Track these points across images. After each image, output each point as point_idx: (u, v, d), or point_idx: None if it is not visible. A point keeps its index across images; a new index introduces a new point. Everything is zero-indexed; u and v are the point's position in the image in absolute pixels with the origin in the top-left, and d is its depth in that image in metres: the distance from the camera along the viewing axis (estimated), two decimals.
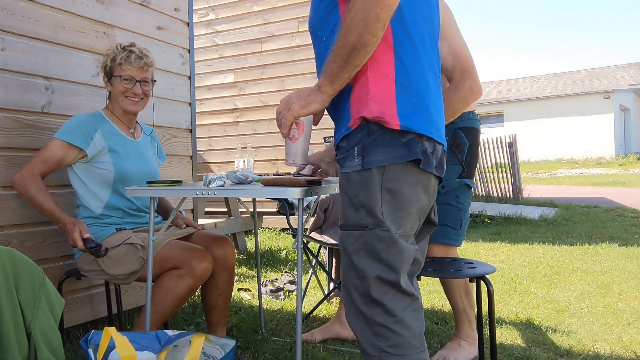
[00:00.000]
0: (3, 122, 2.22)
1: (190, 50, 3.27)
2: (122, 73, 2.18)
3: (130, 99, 2.22)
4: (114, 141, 2.21)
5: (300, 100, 1.36)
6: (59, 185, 2.42)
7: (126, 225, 2.21)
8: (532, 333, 2.68)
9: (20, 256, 1.51)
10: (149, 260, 1.93)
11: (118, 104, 2.24)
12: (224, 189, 1.80)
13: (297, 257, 1.69)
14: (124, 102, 2.22)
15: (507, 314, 3.02)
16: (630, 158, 21.93)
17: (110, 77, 2.21)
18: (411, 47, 1.30)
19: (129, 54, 2.18)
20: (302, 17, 6.16)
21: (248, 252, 5.01)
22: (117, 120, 2.27)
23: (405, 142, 1.28)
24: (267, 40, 6.36)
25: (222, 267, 2.23)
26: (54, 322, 1.56)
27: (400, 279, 1.30)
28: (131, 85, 2.20)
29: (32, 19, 2.34)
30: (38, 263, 1.60)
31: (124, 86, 2.19)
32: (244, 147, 4.08)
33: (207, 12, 6.73)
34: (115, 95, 2.23)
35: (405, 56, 1.29)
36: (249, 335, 2.65)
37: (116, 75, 2.19)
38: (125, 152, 2.23)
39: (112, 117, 2.27)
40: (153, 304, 1.99)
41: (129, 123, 2.31)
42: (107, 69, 2.21)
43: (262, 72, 6.38)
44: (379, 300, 1.29)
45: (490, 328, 1.92)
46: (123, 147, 2.23)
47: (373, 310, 1.30)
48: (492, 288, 1.85)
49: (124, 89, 2.20)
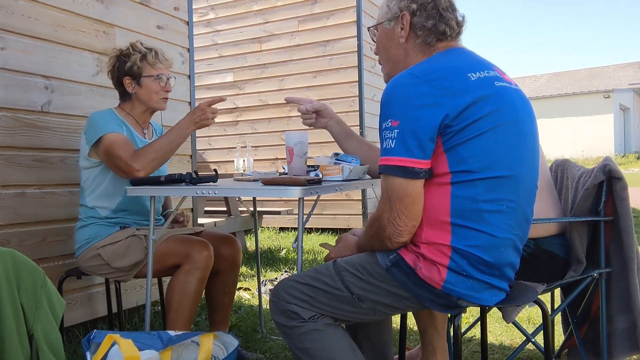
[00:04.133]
0: (3, 121, 2.22)
1: (190, 50, 3.27)
2: (154, 72, 2.18)
3: (163, 99, 2.22)
4: (132, 142, 2.17)
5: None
6: (58, 184, 2.42)
7: (131, 224, 2.19)
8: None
9: (21, 257, 1.51)
10: (149, 260, 1.93)
11: (146, 104, 2.21)
12: (224, 188, 1.80)
13: (297, 257, 1.69)
14: (158, 101, 2.21)
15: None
16: (630, 157, 21.94)
17: (138, 78, 2.17)
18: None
19: (156, 53, 2.19)
20: (301, 17, 6.16)
21: (248, 252, 5.01)
22: (132, 120, 2.24)
23: None
24: (267, 40, 6.35)
25: (231, 266, 2.24)
26: (55, 324, 1.55)
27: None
28: (164, 83, 2.20)
29: (32, 18, 2.33)
30: (38, 262, 1.60)
31: (159, 85, 2.18)
32: (243, 147, 4.08)
33: (206, 11, 6.72)
34: (145, 95, 2.19)
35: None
36: (249, 334, 2.65)
37: (147, 75, 2.17)
38: None
39: (128, 117, 2.23)
40: (175, 309, 1.99)
41: (144, 123, 2.29)
42: (132, 69, 2.16)
43: (262, 71, 6.38)
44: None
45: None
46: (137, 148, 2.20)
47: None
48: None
49: (159, 88, 2.19)
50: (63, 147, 2.45)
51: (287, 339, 1.48)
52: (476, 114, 1.32)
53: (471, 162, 1.33)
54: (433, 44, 1.50)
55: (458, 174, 1.34)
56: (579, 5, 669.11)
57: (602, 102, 23.04)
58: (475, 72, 1.38)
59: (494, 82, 1.39)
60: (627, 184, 1.90)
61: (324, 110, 2.03)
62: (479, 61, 1.46)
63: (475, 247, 1.34)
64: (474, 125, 1.32)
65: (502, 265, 1.39)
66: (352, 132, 2.07)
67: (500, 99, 1.37)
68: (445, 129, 1.32)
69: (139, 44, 2.21)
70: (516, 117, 1.40)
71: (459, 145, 1.32)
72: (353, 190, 5.54)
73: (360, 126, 5.78)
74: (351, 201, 5.90)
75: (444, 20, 1.48)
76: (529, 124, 1.44)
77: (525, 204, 1.43)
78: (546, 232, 1.88)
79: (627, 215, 1.88)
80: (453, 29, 1.49)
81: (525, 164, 1.42)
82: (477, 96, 1.33)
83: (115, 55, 2.22)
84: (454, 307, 1.41)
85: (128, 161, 2.01)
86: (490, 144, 1.34)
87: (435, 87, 1.33)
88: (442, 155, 1.34)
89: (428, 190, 1.36)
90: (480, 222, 1.34)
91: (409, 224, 1.35)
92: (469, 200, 1.34)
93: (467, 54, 1.49)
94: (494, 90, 1.37)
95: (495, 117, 1.34)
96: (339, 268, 1.47)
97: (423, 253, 1.37)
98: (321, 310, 1.45)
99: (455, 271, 1.35)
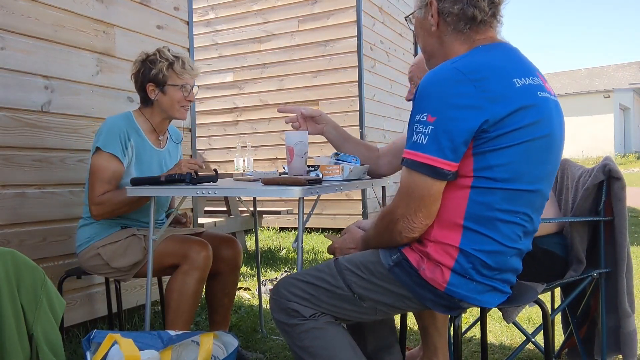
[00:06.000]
0: (3, 121, 2.22)
1: (190, 49, 3.27)
2: (180, 82, 2.14)
3: (185, 108, 2.19)
4: (141, 152, 2.17)
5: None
6: (58, 184, 2.42)
7: (132, 225, 2.19)
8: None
9: (21, 257, 1.51)
10: (149, 260, 1.93)
11: (167, 112, 2.18)
12: (224, 188, 1.80)
13: (297, 256, 1.69)
14: (179, 110, 2.17)
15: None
16: (630, 157, 21.95)
17: (162, 86, 2.14)
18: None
19: (183, 62, 2.15)
20: (301, 17, 6.16)
21: (248, 252, 5.01)
22: (149, 127, 2.21)
23: None
24: (267, 40, 6.35)
25: (231, 267, 2.24)
26: (55, 324, 1.55)
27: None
28: (187, 93, 2.16)
29: (32, 18, 2.33)
30: (38, 262, 1.60)
31: (183, 94, 2.15)
32: (243, 146, 4.08)
33: (206, 11, 6.72)
34: (167, 103, 2.16)
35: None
36: (249, 334, 2.65)
37: (171, 84, 2.13)
38: (149, 162, 2.19)
39: (146, 123, 2.20)
40: (174, 310, 1.99)
41: (161, 131, 2.27)
42: (157, 77, 2.13)
43: (262, 71, 6.38)
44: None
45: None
46: (148, 158, 2.19)
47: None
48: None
49: (182, 97, 2.15)
50: (63, 147, 2.45)
51: (287, 337, 1.47)
52: (515, 123, 1.28)
53: (497, 171, 1.29)
54: (468, 32, 1.40)
55: (480, 179, 1.31)
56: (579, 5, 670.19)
57: (602, 102, 23.05)
58: (520, 78, 1.33)
59: (537, 92, 1.34)
60: (625, 184, 1.90)
61: (318, 116, 2.02)
62: (524, 64, 1.40)
63: (482, 252, 1.33)
64: (510, 135, 1.28)
65: (505, 270, 1.39)
66: (349, 135, 2.06)
67: (541, 112, 1.33)
68: (481, 134, 1.27)
69: (167, 51, 2.17)
70: (551, 132, 1.36)
71: (489, 152, 1.29)
72: (353, 190, 5.54)
73: (360, 126, 5.78)
74: (351, 201, 5.90)
75: (471, 3, 1.37)
76: (560, 140, 1.41)
77: (536, 216, 1.42)
78: (544, 231, 1.88)
79: (622, 216, 1.88)
80: (484, 11, 1.38)
81: (548, 180, 1.40)
82: (519, 105, 1.28)
83: (141, 60, 2.18)
84: (455, 309, 1.41)
85: (94, 199, 2.04)
86: (521, 157, 1.30)
87: (479, 89, 1.26)
88: (470, 158, 1.30)
89: (446, 190, 1.33)
90: (493, 230, 1.33)
91: (423, 222, 1.33)
92: (486, 207, 1.32)
93: (513, 53, 1.42)
94: (537, 101, 1.33)
95: (532, 130, 1.31)
96: (340, 267, 1.46)
97: (429, 252, 1.35)
98: (322, 309, 1.44)
99: (458, 273, 1.34)
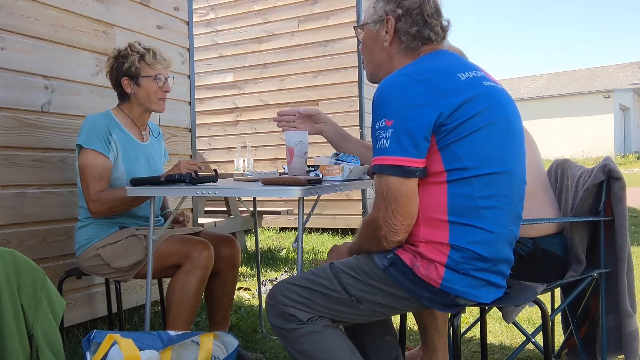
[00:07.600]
0: (3, 121, 2.22)
1: (190, 49, 3.27)
2: (153, 72, 2.16)
3: (162, 100, 2.20)
4: (126, 146, 2.18)
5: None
6: (58, 184, 2.42)
7: (130, 225, 2.19)
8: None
9: (22, 258, 1.51)
10: (149, 260, 1.93)
11: (144, 104, 2.20)
12: (224, 188, 1.80)
13: (297, 257, 1.69)
14: (156, 102, 2.19)
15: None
16: (630, 157, 21.93)
17: (136, 79, 2.16)
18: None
19: (154, 54, 2.17)
20: (301, 17, 6.16)
21: (248, 252, 5.01)
22: (129, 122, 2.23)
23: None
24: (267, 40, 6.35)
25: (230, 266, 2.25)
26: (54, 324, 1.56)
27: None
28: (162, 84, 2.18)
29: (32, 18, 2.33)
30: (38, 262, 1.60)
31: (158, 85, 2.17)
32: (243, 147, 4.09)
33: (207, 11, 6.72)
34: (143, 96, 2.18)
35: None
36: (249, 334, 2.65)
37: (145, 75, 2.15)
38: (136, 156, 2.21)
39: (125, 119, 2.22)
40: (175, 310, 1.99)
41: (142, 125, 2.28)
42: (130, 70, 2.15)
43: (262, 71, 6.38)
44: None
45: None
46: (134, 151, 2.20)
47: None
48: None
49: (157, 88, 2.17)
50: (63, 147, 2.45)
51: (285, 341, 1.48)
52: (468, 112, 1.35)
53: (465, 160, 1.35)
54: (418, 48, 1.51)
55: (453, 172, 1.36)
56: (579, 5, 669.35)
57: (602, 102, 23.03)
58: (464, 72, 1.41)
59: (482, 82, 1.43)
60: (625, 184, 1.90)
61: (316, 114, 2.01)
62: (465, 62, 1.50)
63: (473, 244, 1.36)
64: (466, 124, 1.34)
65: (498, 260, 1.41)
66: (348, 134, 2.06)
67: (490, 98, 1.41)
68: (439, 127, 1.34)
69: (137, 44, 2.19)
70: (506, 115, 1.43)
71: (452, 143, 1.34)
72: (353, 190, 5.54)
73: (360, 126, 5.78)
74: (351, 201, 5.90)
75: (428, 26, 1.49)
76: (517, 122, 1.48)
77: (517, 199, 1.46)
78: (544, 232, 1.88)
79: (622, 216, 1.88)
80: (438, 34, 1.51)
81: (517, 160, 1.46)
82: (468, 95, 1.36)
83: (113, 56, 2.21)
84: (452, 306, 1.42)
85: (91, 196, 2.05)
86: (483, 141, 1.36)
87: (428, 87, 1.35)
88: (437, 154, 1.36)
89: (424, 190, 1.37)
90: (477, 219, 1.36)
91: (404, 223, 1.36)
92: (466, 197, 1.36)
93: (454, 56, 1.52)
94: (484, 89, 1.41)
95: (486, 115, 1.37)
96: (336, 270, 1.47)
97: (421, 252, 1.38)
98: (319, 312, 1.45)
99: (452, 269, 1.36)
